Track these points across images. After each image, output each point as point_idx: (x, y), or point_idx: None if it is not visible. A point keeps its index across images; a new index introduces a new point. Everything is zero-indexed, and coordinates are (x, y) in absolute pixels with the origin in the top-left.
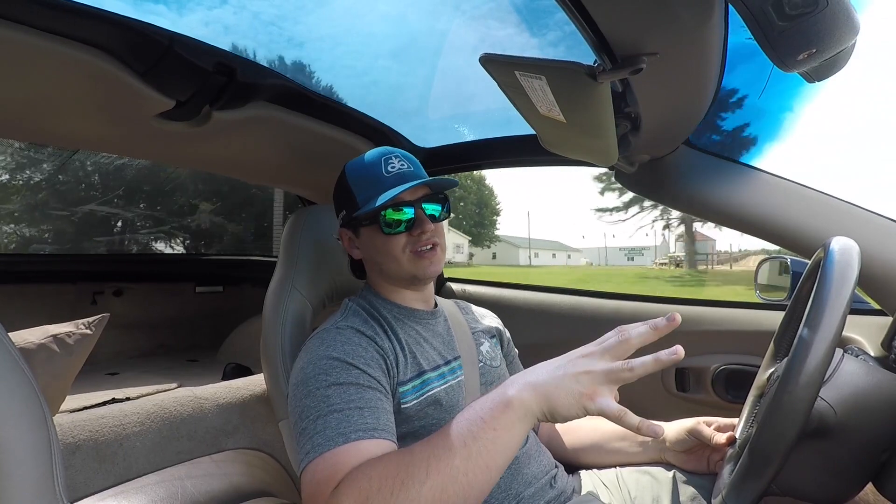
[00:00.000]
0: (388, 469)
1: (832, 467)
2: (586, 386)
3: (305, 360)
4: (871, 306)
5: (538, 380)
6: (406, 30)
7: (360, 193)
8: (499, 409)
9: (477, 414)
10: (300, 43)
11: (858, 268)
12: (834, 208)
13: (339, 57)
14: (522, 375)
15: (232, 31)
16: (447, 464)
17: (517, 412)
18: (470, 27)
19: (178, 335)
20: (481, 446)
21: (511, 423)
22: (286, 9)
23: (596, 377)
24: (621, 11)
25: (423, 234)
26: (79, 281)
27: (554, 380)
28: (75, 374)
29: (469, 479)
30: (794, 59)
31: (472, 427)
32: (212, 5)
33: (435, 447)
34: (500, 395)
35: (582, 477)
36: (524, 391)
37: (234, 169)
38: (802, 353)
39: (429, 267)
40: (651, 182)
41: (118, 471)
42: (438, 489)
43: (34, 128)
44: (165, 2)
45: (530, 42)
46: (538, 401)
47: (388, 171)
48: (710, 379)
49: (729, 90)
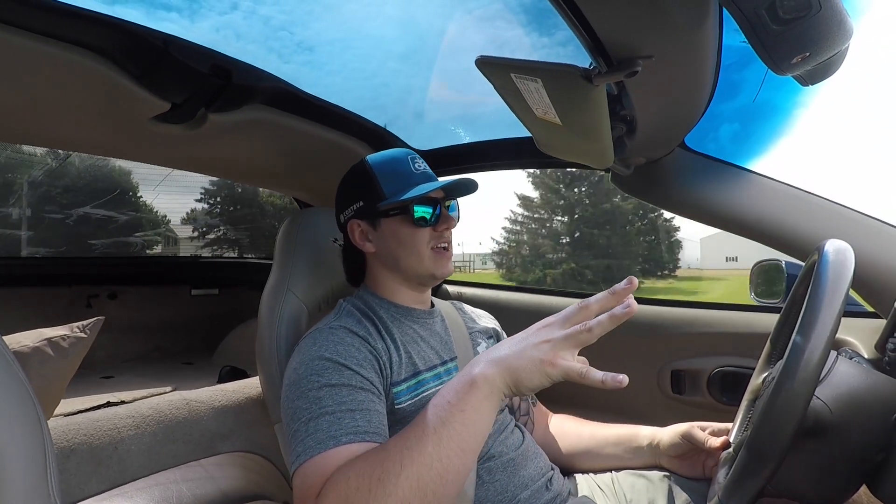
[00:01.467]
0: (364, 468)
1: (828, 467)
2: (546, 353)
3: (298, 360)
4: (865, 309)
5: (500, 355)
6: (415, 32)
7: (389, 185)
8: (464, 390)
9: (444, 398)
10: (310, 47)
11: (852, 270)
12: (828, 211)
13: (349, 60)
14: (486, 353)
15: (243, 36)
16: (419, 452)
17: (483, 390)
18: (478, 28)
19: (174, 338)
20: (451, 430)
21: (478, 402)
22: (296, 14)
23: (555, 343)
24: (617, 14)
25: (447, 230)
26: (74, 284)
27: (515, 353)
28: (70, 377)
29: (444, 465)
30: (788, 62)
31: (440, 412)
32: (222, 10)
33: (407, 438)
34: (465, 375)
35: (578, 480)
36: (487, 368)
37: (231, 171)
38: (798, 354)
39: (445, 267)
40: (646, 184)
41: (113, 474)
42: (414, 479)
43: (29, 131)
44: (178, 9)
45: (540, 41)
46: (502, 375)
47: (416, 168)
48: (705, 381)
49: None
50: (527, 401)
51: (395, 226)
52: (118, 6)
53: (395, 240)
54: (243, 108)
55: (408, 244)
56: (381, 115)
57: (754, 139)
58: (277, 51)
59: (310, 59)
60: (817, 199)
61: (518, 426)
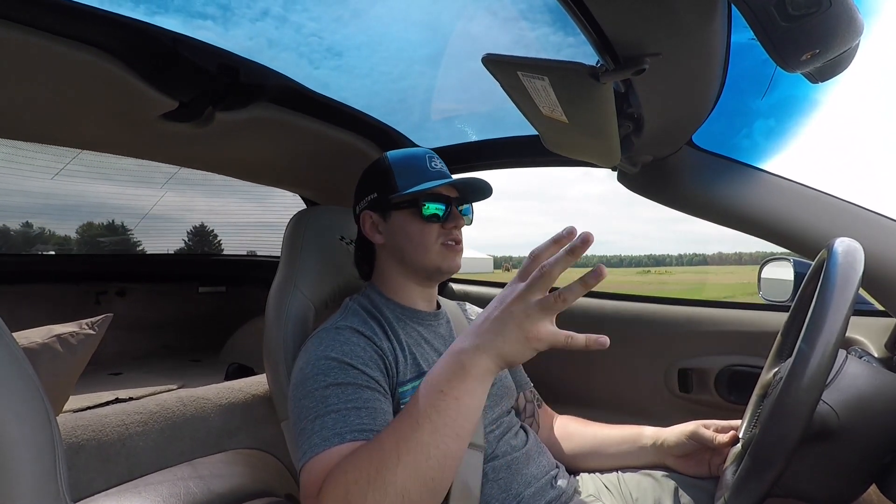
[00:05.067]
0: (361, 460)
1: (835, 469)
2: (528, 330)
3: (304, 360)
4: (875, 307)
5: (486, 340)
6: (440, 34)
7: (402, 179)
8: (457, 378)
9: (435, 387)
10: (339, 52)
11: (862, 269)
12: (838, 209)
13: (377, 63)
14: (470, 338)
15: (275, 44)
16: (416, 442)
17: (476, 377)
18: (503, 29)
19: (181, 335)
20: (447, 417)
21: (472, 388)
22: (324, 21)
23: (534, 318)
24: (624, 12)
25: (456, 229)
26: (82, 281)
27: (500, 336)
28: (79, 374)
29: (441, 451)
30: (798, 59)
31: (434, 400)
32: (254, 18)
33: (401, 429)
34: (454, 363)
35: (584, 478)
36: (476, 356)
37: (238, 169)
38: (805, 357)
39: (453, 261)
40: (653, 183)
41: (121, 471)
42: (412, 468)
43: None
44: (213, 17)
45: (566, 41)
46: (493, 359)
47: (432, 166)
48: (713, 380)
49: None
50: (532, 403)
51: (404, 219)
52: (159, 17)
53: (403, 233)
54: (250, 107)
55: (415, 238)
56: (408, 117)
57: (785, 133)
58: (308, 56)
59: (339, 64)
60: (827, 196)
61: (523, 426)
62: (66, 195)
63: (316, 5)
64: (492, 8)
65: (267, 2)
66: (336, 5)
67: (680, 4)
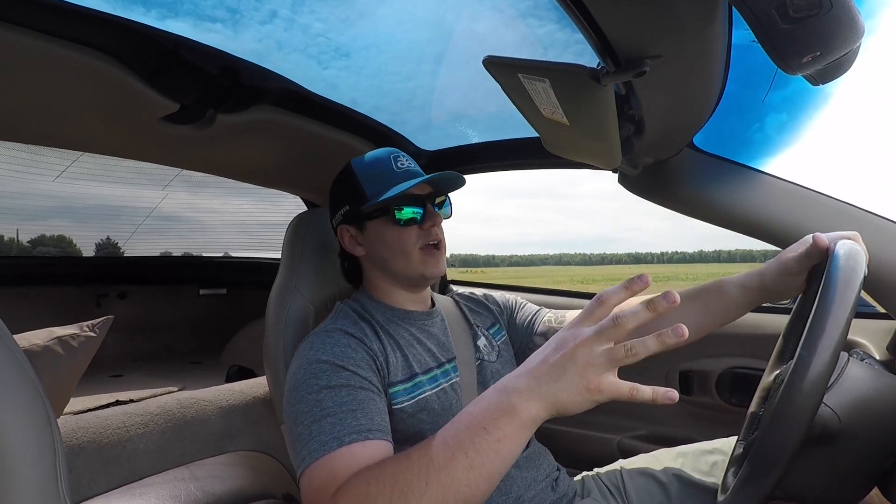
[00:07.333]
0: (385, 476)
1: (836, 473)
2: (591, 381)
3: (297, 365)
4: (877, 310)
5: (541, 387)
6: (446, 33)
7: (370, 187)
8: (504, 420)
9: (478, 423)
10: (346, 53)
11: (864, 272)
12: (840, 212)
13: (385, 63)
14: (523, 379)
15: (284, 45)
16: (448, 475)
17: (524, 422)
18: (509, 27)
19: (182, 338)
20: (484, 457)
21: (517, 431)
22: (331, 22)
23: (598, 368)
24: (625, 14)
25: (434, 228)
26: (83, 283)
27: (558, 382)
28: (79, 376)
29: (472, 490)
30: (799, 61)
31: (474, 437)
32: (262, 20)
33: (434, 456)
34: (504, 403)
35: (585, 480)
36: (530, 401)
37: (239, 172)
38: (806, 361)
39: (436, 266)
40: (654, 185)
41: (122, 472)
42: (438, 498)
43: (39, 131)
44: (223, 20)
45: (573, 37)
46: (546, 407)
47: (398, 167)
48: (714, 382)
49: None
50: None
51: (380, 228)
52: (169, 20)
53: (380, 242)
54: (251, 109)
55: (394, 245)
56: (417, 116)
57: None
58: (317, 57)
59: (347, 65)
60: (828, 199)
61: None
62: (67, 196)
63: (323, 6)
64: (498, 6)
65: (274, 4)
66: (343, 6)
67: (681, 7)
